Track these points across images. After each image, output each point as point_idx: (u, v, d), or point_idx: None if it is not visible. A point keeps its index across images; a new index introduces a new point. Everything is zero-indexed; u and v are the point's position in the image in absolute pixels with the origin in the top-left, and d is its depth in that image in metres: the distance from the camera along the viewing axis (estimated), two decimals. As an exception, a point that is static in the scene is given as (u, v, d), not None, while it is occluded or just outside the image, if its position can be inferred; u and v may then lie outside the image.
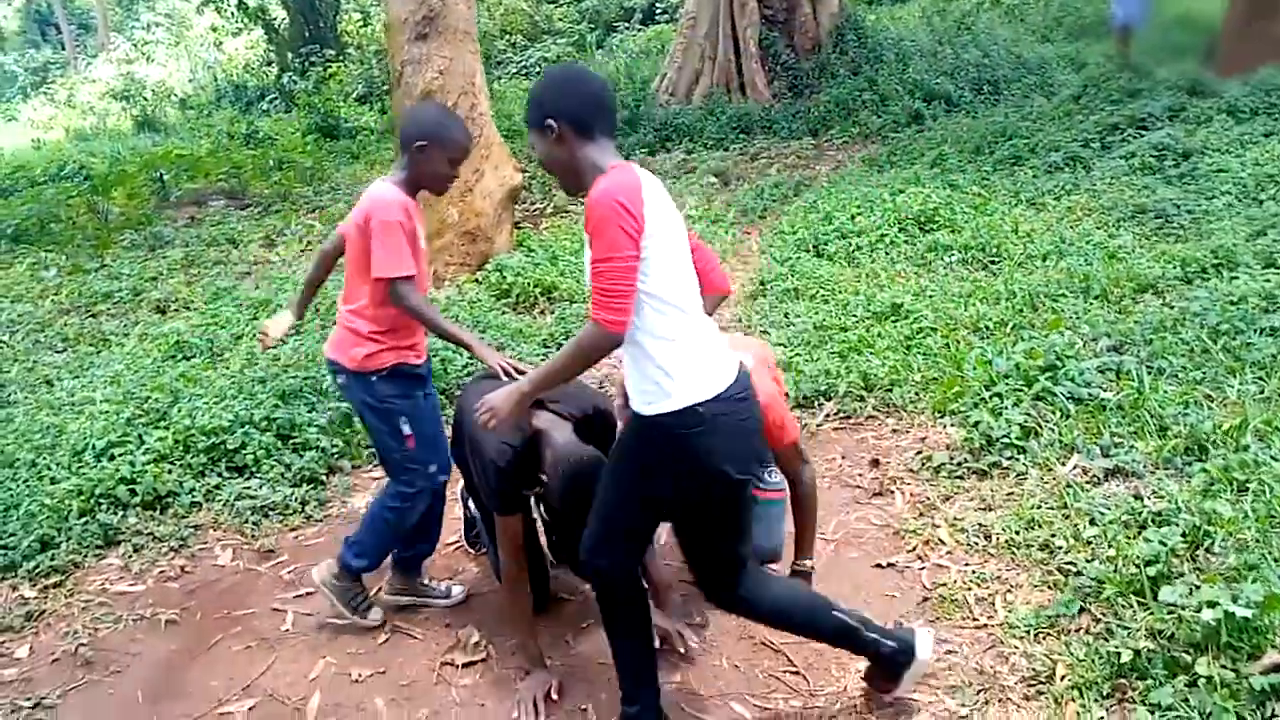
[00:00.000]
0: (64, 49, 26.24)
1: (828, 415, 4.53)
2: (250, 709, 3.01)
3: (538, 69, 17.97)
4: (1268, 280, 4.91)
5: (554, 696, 2.90)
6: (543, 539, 3.37)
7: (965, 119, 10.04)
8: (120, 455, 4.27)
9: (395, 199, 3.03)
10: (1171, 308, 4.85)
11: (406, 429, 3.16)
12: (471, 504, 3.64)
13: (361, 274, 3.08)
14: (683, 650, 3.00)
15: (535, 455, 2.86)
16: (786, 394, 3.16)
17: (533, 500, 3.14)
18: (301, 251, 8.42)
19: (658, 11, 20.20)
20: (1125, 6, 9.93)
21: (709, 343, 2.44)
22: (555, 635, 3.23)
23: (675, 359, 2.35)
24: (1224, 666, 2.52)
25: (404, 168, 3.09)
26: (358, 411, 3.28)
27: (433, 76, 6.50)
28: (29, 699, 3.08)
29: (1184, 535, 3.02)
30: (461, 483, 3.66)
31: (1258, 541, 2.96)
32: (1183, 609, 2.67)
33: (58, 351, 6.26)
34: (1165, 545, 2.94)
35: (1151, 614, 2.74)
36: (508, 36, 18.96)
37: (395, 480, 3.26)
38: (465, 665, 3.12)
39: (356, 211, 3.09)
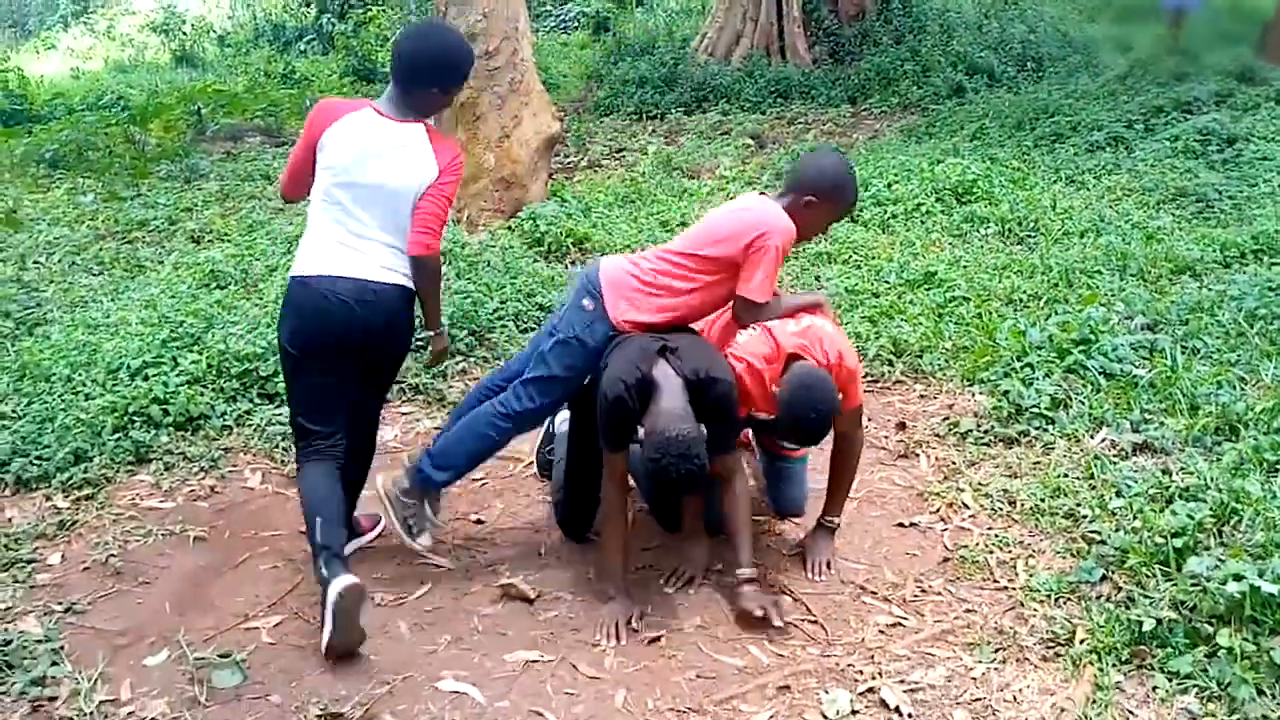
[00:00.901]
0: (106, -21, 26.21)
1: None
2: (275, 625, 3.05)
3: (577, 24, 17.83)
4: (1308, 268, 4.86)
5: (635, 625, 2.93)
6: None
7: (1007, 94, 9.91)
8: (154, 376, 4.31)
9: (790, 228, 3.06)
10: (1209, 290, 4.80)
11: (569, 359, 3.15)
12: (559, 421, 3.64)
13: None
14: (778, 623, 2.90)
15: (644, 401, 2.86)
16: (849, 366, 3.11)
17: None
18: (335, 191, 8.42)
19: (701, -29, 19.96)
20: (1179, -10, 9.75)
21: (332, 239, 2.97)
22: (578, 569, 3.26)
23: (305, 238, 3.04)
24: (1245, 639, 2.52)
25: (789, 203, 3.11)
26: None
27: (476, 19, 6.45)
28: (60, 603, 3.13)
29: (1212, 511, 3.00)
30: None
31: (1286, 522, 2.95)
32: (1207, 581, 2.67)
33: (94, 275, 6.30)
34: (1192, 519, 2.93)
35: (1175, 585, 2.74)
36: (550, -12, 18.78)
37: (521, 392, 3.18)
38: (488, 597, 3.16)
39: (745, 223, 3.05)
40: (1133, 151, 7.42)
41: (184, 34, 18.13)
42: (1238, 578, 2.60)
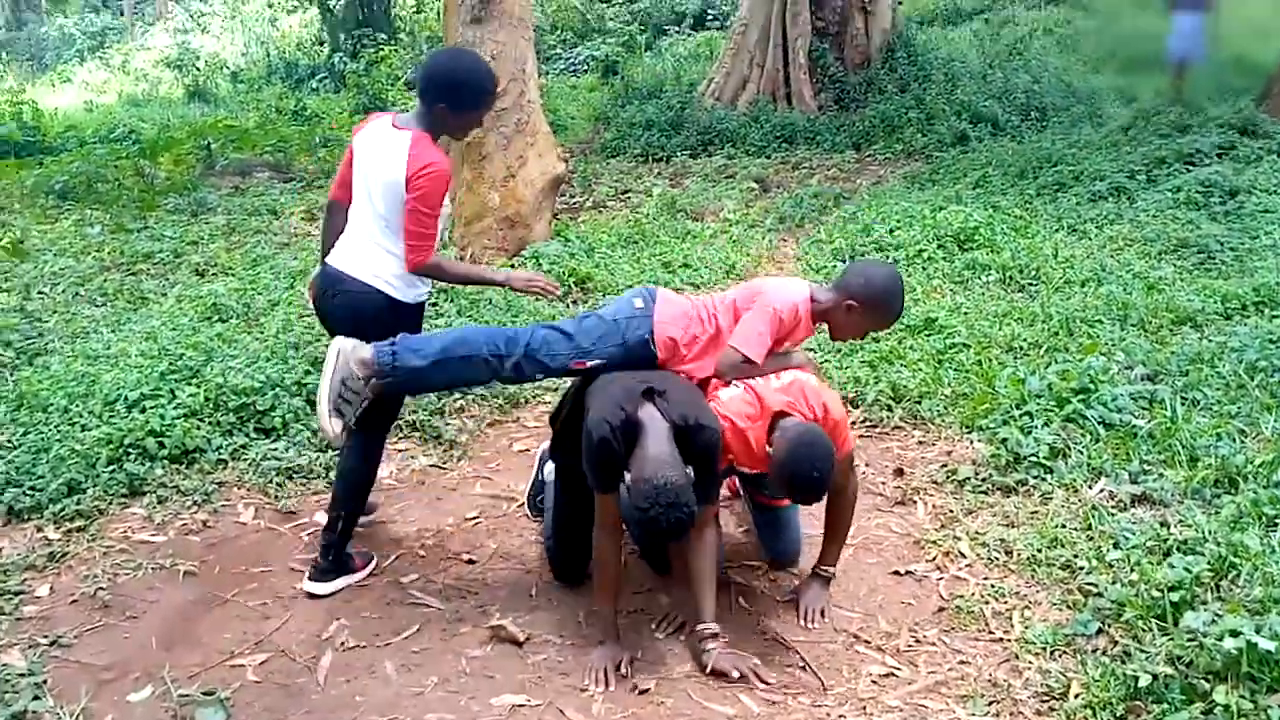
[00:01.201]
0: (123, 15, 26.60)
1: (854, 423, 4.50)
2: (261, 663, 3.02)
3: (586, 67, 18.03)
4: (1310, 321, 4.85)
5: (624, 671, 2.89)
6: None
7: (1011, 143, 9.97)
8: (151, 408, 4.30)
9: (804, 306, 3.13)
10: (1210, 341, 4.79)
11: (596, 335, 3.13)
12: (548, 469, 3.61)
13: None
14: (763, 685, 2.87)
15: (629, 442, 2.83)
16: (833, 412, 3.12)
17: None
18: (341, 227, 8.47)
19: (709, 18, 20.22)
20: (1183, 41, 9.82)
21: (343, 233, 3.33)
22: (569, 611, 3.23)
23: None
24: (1243, 697, 2.48)
25: (832, 300, 3.16)
26: None
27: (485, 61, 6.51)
28: (46, 636, 3.11)
29: (1209, 565, 2.97)
30: (543, 446, 3.71)
31: (1285, 577, 2.92)
32: (1204, 636, 2.63)
33: (97, 306, 6.33)
34: (1190, 573, 2.90)
35: (1172, 640, 2.71)
36: (558, 32, 19.02)
37: (531, 335, 3.13)
38: (477, 639, 3.12)
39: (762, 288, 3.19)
40: (1135, 202, 7.44)
41: (197, 70, 18.36)
42: (1234, 633, 2.56)
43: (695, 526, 2.88)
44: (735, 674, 2.84)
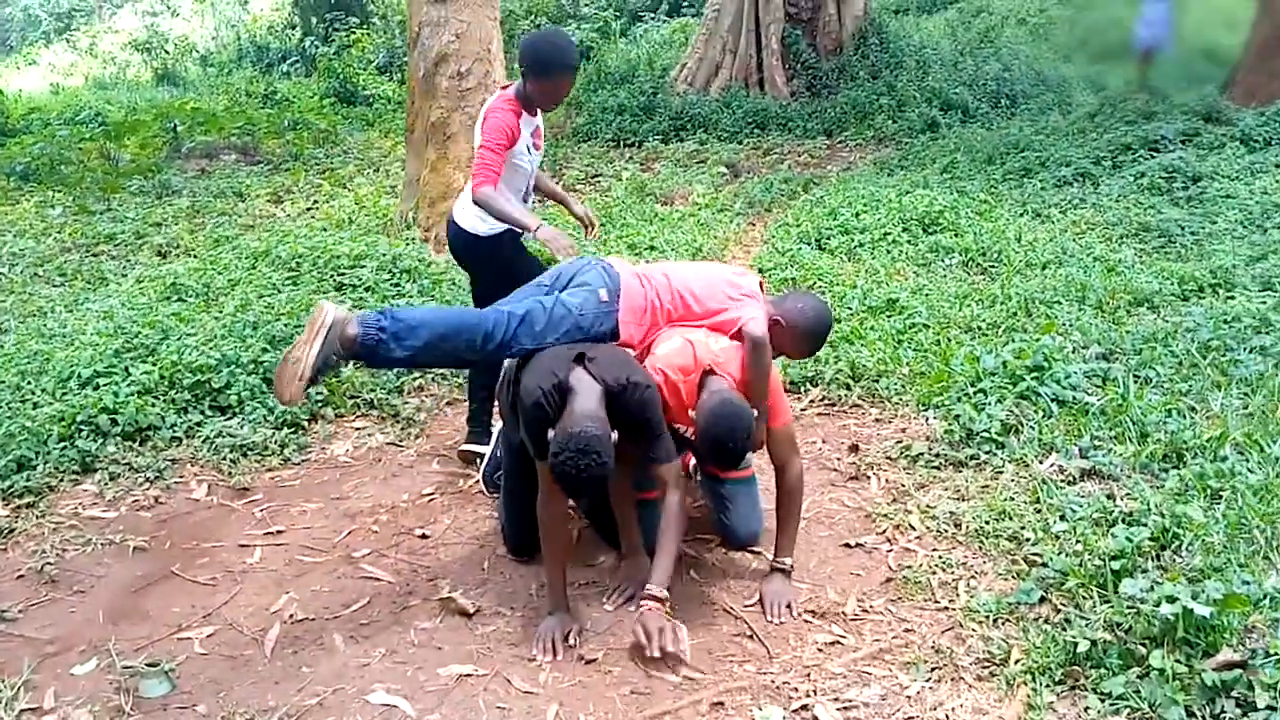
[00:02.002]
0: (90, -3, 26.29)
1: (812, 401, 4.54)
2: (208, 636, 3.02)
3: (560, 53, 17.93)
4: (1264, 302, 4.92)
5: (572, 641, 2.91)
6: None
7: (980, 130, 10.04)
8: (105, 385, 4.28)
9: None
10: (1165, 321, 4.85)
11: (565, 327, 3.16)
12: (501, 448, 3.63)
13: None
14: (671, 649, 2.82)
15: (562, 407, 2.85)
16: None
17: None
18: (307, 209, 8.44)
19: (684, 5, 20.16)
20: (1150, 28, 9.90)
21: None
22: (521, 585, 3.24)
23: None
24: (1178, 661, 2.52)
25: (771, 312, 3.25)
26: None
27: (449, 40, 6.51)
28: (-9, 610, 3.10)
29: (1152, 535, 3.02)
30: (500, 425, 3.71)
31: (1225, 547, 2.97)
32: (1142, 603, 2.67)
33: (55, 286, 6.30)
34: (1131, 542, 2.94)
35: (1111, 607, 2.74)
36: (532, 17, 18.92)
37: (503, 327, 3.14)
38: (427, 611, 3.13)
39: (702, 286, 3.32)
40: (1099, 187, 7.52)
41: (166, 53, 18.17)
42: (1171, 599, 2.60)
43: (660, 489, 2.94)
44: (646, 637, 2.79)
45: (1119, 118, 8.99)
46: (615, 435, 2.80)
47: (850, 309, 5.37)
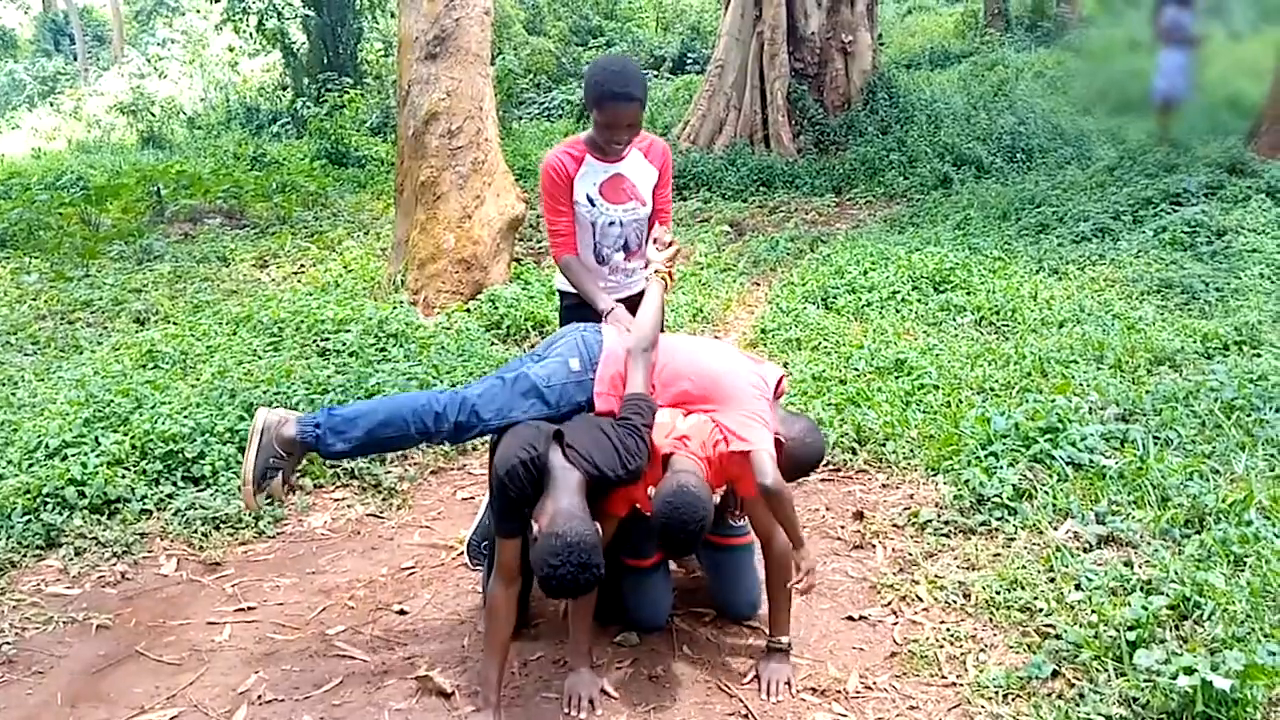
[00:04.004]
0: (76, 60, 26.92)
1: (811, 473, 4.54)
2: (172, 718, 3.00)
3: (560, 111, 18.30)
4: (1292, 360, 4.94)
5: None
6: None
7: (995, 185, 10.16)
8: (73, 456, 4.32)
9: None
10: (1187, 380, 4.87)
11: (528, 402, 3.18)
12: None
13: None
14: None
15: (537, 485, 2.87)
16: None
17: None
18: (293, 273, 8.55)
19: (689, 62, 20.59)
20: (1168, 78, 10.06)
21: None
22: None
23: None
24: (1198, 737, 2.50)
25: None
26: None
27: (440, 97, 6.66)
28: (-57, 693, 3.09)
29: (1171, 604, 3.01)
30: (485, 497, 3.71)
31: (1249, 616, 2.95)
32: (1159, 675, 2.66)
33: (26, 355, 6.35)
34: (1148, 610, 2.93)
35: (1127, 680, 2.73)
36: (532, 76, 19.34)
37: (463, 399, 3.17)
38: (403, 691, 3.12)
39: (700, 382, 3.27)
40: (1118, 242, 7.59)
41: (152, 115, 18.54)
42: (1189, 671, 2.59)
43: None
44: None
45: (1139, 171, 9.10)
46: (598, 527, 2.83)
47: (857, 370, 5.40)
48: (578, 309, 3.71)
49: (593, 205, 3.67)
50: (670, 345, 3.40)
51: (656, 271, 3.44)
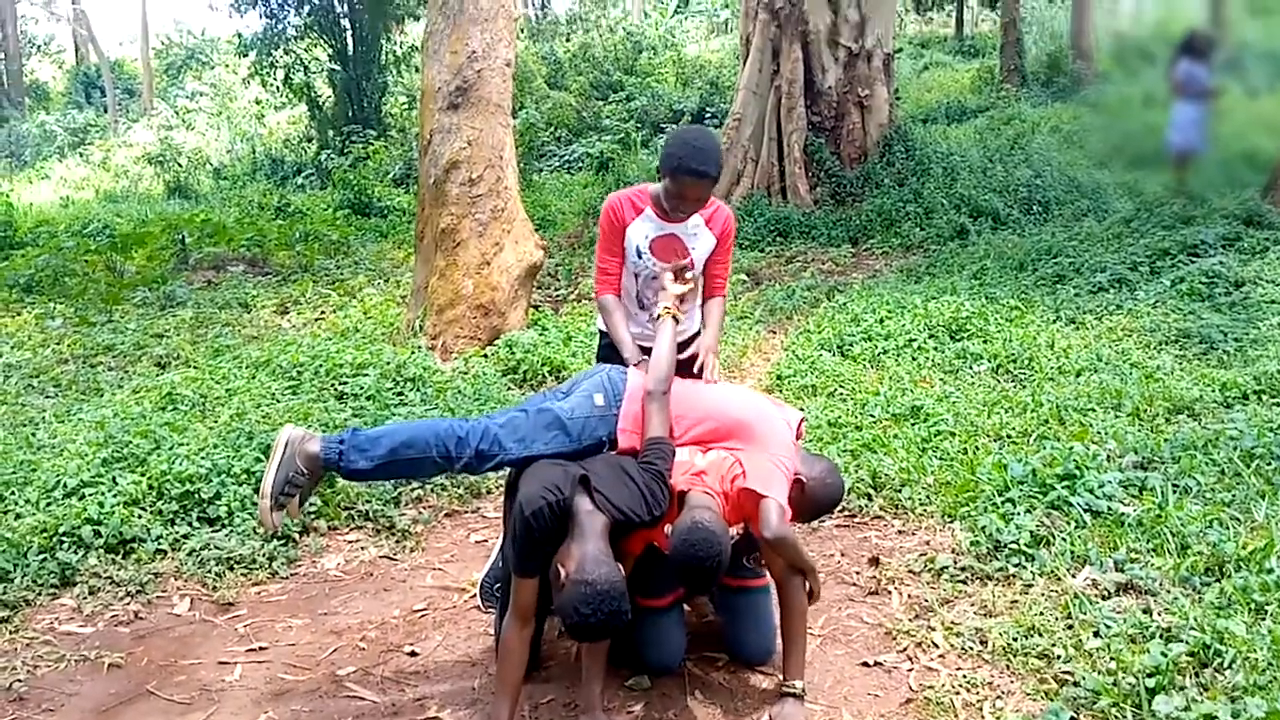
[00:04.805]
0: (106, 112, 27.47)
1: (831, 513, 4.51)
2: (180, 757, 2.99)
3: (580, 164, 18.51)
4: (1312, 409, 4.90)
5: None
6: None
7: (1012, 236, 10.18)
8: (90, 495, 4.34)
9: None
10: (1206, 429, 4.82)
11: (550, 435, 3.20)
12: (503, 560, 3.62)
13: None
14: None
15: (561, 529, 2.88)
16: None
17: None
18: (314, 319, 8.62)
19: (707, 116, 20.81)
20: (1183, 131, 10.08)
21: None
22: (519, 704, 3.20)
23: None
24: (1219, 786, 2.45)
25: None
26: None
27: (460, 147, 6.75)
28: (-46, 730, 3.09)
29: (1191, 651, 2.96)
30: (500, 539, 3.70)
31: (1270, 664, 2.90)
32: (1179, 722, 2.61)
33: (48, 397, 6.41)
34: (1167, 657, 2.89)
35: (1147, 728, 2.68)
36: (553, 129, 19.59)
37: (485, 428, 3.18)
38: (413, 731, 3.09)
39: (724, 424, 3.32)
40: (1136, 293, 7.57)
41: (179, 165, 18.87)
42: (1210, 718, 2.54)
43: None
44: None
45: (1156, 222, 9.10)
46: (622, 570, 2.83)
47: (873, 416, 5.39)
48: (614, 351, 3.71)
49: (639, 257, 3.68)
50: (699, 386, 3.43)
51: (666, 309, 3.45)
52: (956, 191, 11.53)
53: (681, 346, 3.62)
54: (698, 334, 3.79)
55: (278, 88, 19.79)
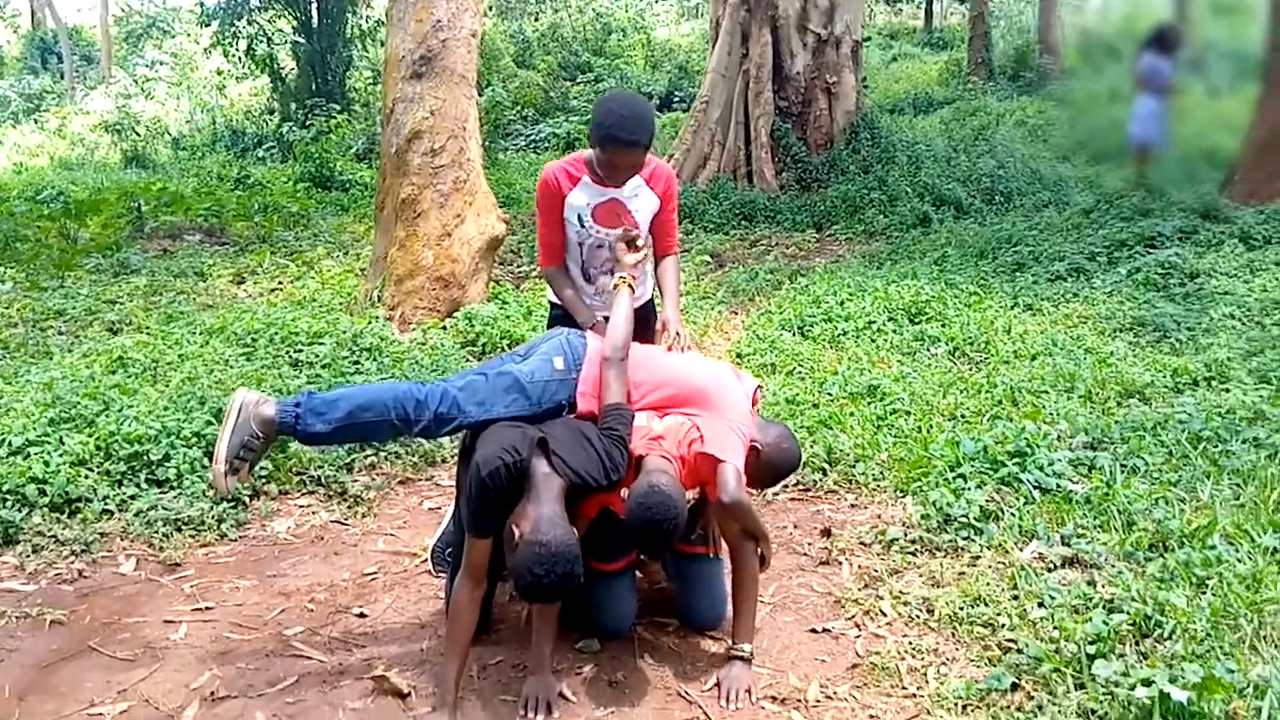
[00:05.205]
0: (63, 79, 26.96)
1: (785, 486, 4.55)
2: (121, 712, 2.96)
3: (547, 145, 18.43)
4: (1259, 394, 4.99)
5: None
6: None
7: (973, 225, 10.27)
8: (36, 454, 4.28)
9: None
10: (1156, 412, 4.90)
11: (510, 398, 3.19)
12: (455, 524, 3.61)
13: None
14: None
15: (517, 490, 2.88)
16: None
17: None
18: (271, 289, 8.53)
19: (675, 100, 20.81)
20: (1143, 125, 10.22)
21: None
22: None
23: None
24: (1154, 748, 2.50)
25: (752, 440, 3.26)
26: None
27: (423, 116, 6.70)
28: (-111, 684, 3.04)
29: (1132, 621, 3.02)
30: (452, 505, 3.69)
31: (1209, 635, 2.96)
32: (1117, 687, 2.66)
33: (-5, 359, 6.30)
34: (1108, 625, 2.94)
35: (1086, 692, 2.73)
36: (519, 108, 19.47)
37: (444, 391, 3.17)
38: (359, 692, 3.08)
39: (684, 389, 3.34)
40: (1093, 281, 7.66)
41: (137, 135, 18.55)
42: (1148, 683, 2.60)
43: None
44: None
45: (1115, 214, 9.22)
46: (576, 533, 2.85)
47: (830, 395, 5.43)
48: (566, 319, 3.71)
49: (581, 226, 3.65)
50: (655, 352, 3.45)
51: (621, 278, 3.46)
52: (920, 180, 11.61)
53: (640, 311, 3.64)
54: (654, 299, 3.80)
55: (240, 59, 19.46)
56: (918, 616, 3.37)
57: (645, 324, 3.68)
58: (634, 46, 24.22)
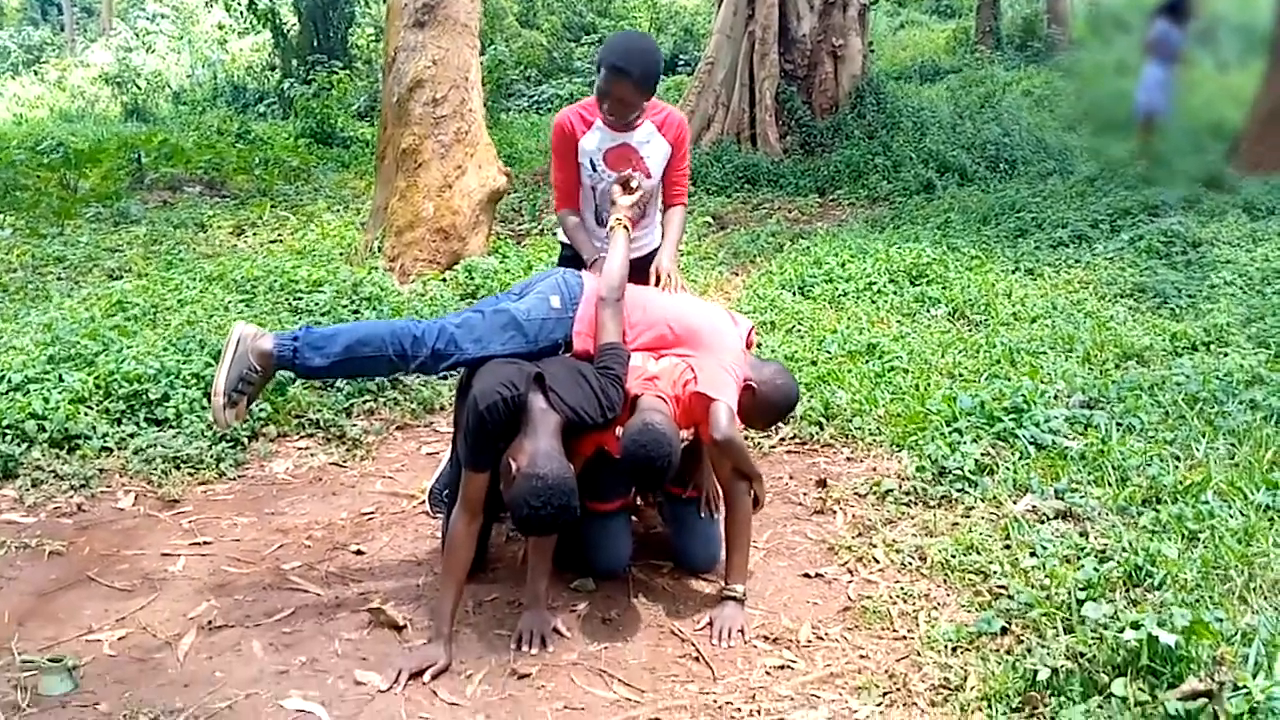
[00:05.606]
0: (63, 30, 26.77)
1: (783, 439, 4.58)
2: (119, 639, 3.00)
3: (550, 106, 18.32)
4: (1258, 358, 5.01)
5: (425, 680, 2.83)
6: None
7: (977, 191, 10.24)
8: (35, 391, 4.30)
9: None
10: (1154, 373, 4.92)
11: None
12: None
13: None
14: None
15: (514, 424, 2.90)
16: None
17: None
18: (271, 240, 8.52)
19: (680, 63, 20.65)
20: (1150, 93, 10.18)
21: None
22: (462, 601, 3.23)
23: None
24: (1140, 689, 2.53)
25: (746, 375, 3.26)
26: None
27: (425, 65, 6.66)
28: (-112, 608, 3.07)
29: (1124, 571, 3.05)
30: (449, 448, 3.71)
31: (1198, 585, 3.00)
32: (1106, 629, 2.69)
33: (-5, 301, 6.31)
34: (1099, 573, 2.98)
35: (1074, 636, 2.76)
36: (522, 69, 19.35)
37: (441, 328, 3.19)
38: (355, 623, 3.12)
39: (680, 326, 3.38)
40: (1095, 248, 7.66)
41: (138, 88, 18.43)
42: (1136, 626, 2.62)
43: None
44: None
45: (1119, 183, 9.20)
46: (572, 468, 2.88)
47: (829, 352, 5.43)
48: (575, 259, 3.73)
49: (594, 170, 3.66)
50: (651, 293, 3.46)
51: (618, 220, 3.46)
52: (925, 146, 11.55)
53: (645, 260, 3.65)
54: (659, 248, 3.81)
55: (241, 13, 19.27)
56: (910, 564, 3.40)
57: (645, 272, 3.68)
58: (639, 8, 24.02)
